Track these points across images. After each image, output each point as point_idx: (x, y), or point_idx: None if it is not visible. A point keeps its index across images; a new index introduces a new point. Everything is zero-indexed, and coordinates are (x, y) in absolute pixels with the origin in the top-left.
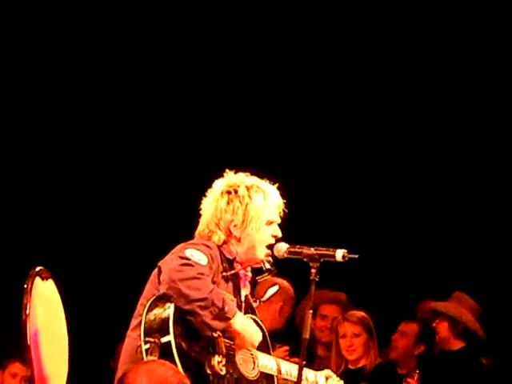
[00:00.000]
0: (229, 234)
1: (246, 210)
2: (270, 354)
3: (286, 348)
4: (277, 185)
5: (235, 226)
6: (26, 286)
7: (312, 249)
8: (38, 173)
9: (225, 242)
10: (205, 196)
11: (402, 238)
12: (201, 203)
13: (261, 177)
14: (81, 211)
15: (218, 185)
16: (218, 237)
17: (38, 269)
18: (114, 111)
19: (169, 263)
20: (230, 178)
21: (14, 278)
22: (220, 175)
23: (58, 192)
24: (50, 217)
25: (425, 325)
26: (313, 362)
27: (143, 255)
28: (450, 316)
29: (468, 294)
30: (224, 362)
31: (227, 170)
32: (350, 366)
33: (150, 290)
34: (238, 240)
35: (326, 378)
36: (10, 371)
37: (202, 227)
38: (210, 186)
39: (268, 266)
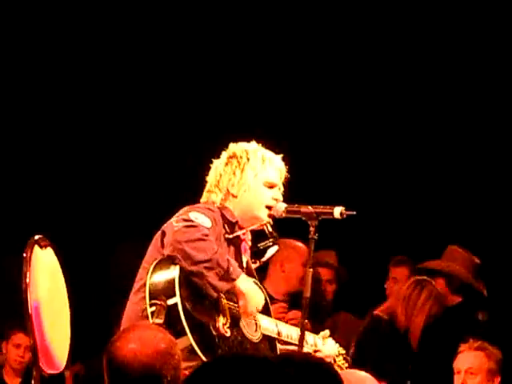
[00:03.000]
0: (227, 192)
1: (244, 168)
2: (270, 316)
3: (284, 305)
4: (281, 155)
5: (233, 184)
6: (25, 254)
7: (310, 207)
8: (33, 148)
9: (223, 201)
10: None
11: (397, 194)
12: (203, 171)
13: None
14: (77, 179)
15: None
16: (216, 195)
17: (36, 237)
18: (104, 89)
19: (173, 226)
20: (231, 147)
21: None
22: (222, 144)
23: (52, 162)
24: (47, 186)
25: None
26: None
27: (142, 220)
28: (444, 272)
29: (466, 247)
30: (228, 325)
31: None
32: None
33: (152, 254)
34: (236, 197)
35: (323, 339)
36: (14, 342)
37: (204, 194)
38: (209, 158)
39: (270, 228)
